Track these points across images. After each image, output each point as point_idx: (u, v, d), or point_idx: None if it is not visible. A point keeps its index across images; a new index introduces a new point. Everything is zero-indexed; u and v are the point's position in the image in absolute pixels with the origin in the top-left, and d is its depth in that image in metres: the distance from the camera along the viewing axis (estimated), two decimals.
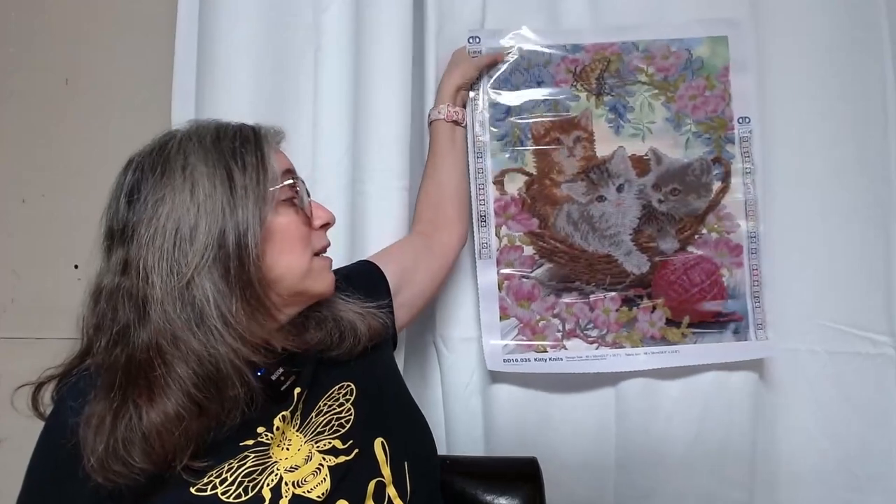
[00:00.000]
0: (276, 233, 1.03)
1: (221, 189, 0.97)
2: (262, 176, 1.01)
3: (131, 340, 0.94)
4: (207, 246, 0.95)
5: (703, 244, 1.55)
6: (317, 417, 1.08)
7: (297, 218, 1.06)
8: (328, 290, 1.11)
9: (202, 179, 0.97)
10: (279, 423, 1.03)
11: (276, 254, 1.03)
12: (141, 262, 0.94)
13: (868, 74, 1.54)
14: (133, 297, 0.95)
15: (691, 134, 1.56)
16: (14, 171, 1.65)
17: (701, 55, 1.57)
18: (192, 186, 0.96)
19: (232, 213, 0.97)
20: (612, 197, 1.55)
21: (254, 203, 0.99)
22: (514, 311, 1.54)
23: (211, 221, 0.96)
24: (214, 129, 1.03)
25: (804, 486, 1.58)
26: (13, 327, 1.63)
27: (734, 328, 1.54)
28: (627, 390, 1.54)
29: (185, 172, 0.97)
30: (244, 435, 1.01)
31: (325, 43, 1.51)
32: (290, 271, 1.05)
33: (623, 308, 1.55)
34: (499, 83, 1.55)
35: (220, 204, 0.96)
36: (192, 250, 0.94)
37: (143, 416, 0.92)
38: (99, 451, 0.91)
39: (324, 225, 1.11)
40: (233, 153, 1.00)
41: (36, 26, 1.68)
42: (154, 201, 0.95)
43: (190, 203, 0.95)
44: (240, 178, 0.99)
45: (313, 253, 1.09)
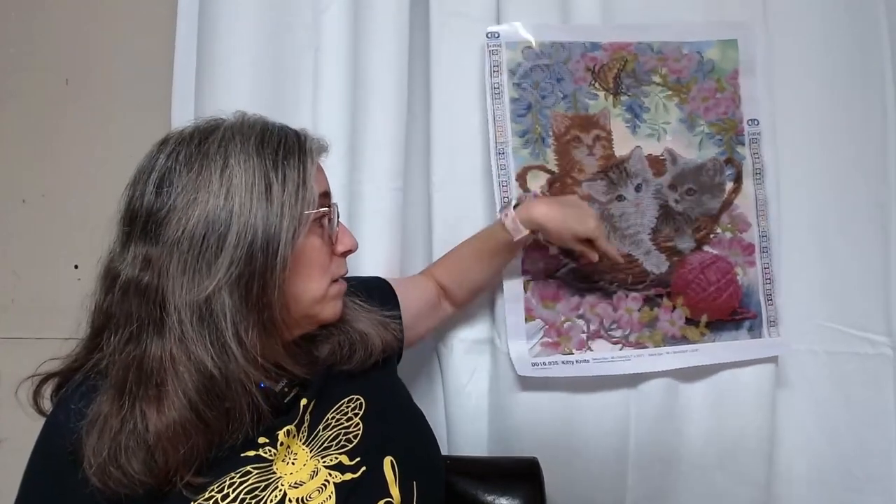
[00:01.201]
0: (300, 256, 0.95)
1: (258, 203, 0.89)
2: (301, 196, 0.92)
3: (144, 342, 0.89)
4: (234, 262, 0.88)
5: (718, 243, 1.49)
6: (324, 431, 1.01)
7: (322, 242, 0.99)
8: (335, 317, 1.04)
9: (240, 187, 0.89)
10: (283, 438, 0.95)
11: (295, 276, 0.95)
12: (163, 265, 0.88)
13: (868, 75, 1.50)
14: (151, 298, 0.88)
15: (704, 135, 1.49)
16: (14, 171, 1.59)
17: (712, 58, 1.50)
18: (227, 193, 0.89)
19: (264, 232, 0.89)
20: (631, 196, 1.47)
21: (288, 223, 0.91)
22: (539, 313, 1.45)
23: (242, 235, 0.88)
24: (260, 130, 0.95)
25: (803, 485, 1.54)
26: (13, 327, 1.57)
27: (749, 325, 1.49)
28: (647, 391, 1.46)
29: (224, 176, 0.89)
30: (246, 446, 0.93)
31: (325, 43, 1.45)
32: (306, 295, 0.98)
33: (645, 308, 1.47)
34: (520, 78, 1.47)
35: (254, 218, 0.89)
36: (218, 263, 0.88)
37: (149, 425, 0.86)
38: (101, 454, 0.85)
39: (345, 252, 1.04)
40: (275, 164, 0.92)
41: (36, 26, 1.61)
42: (186, 200, 0.88)
43: (223, 210, 0.88)
44: (278, 194, 0.91)
45: (333, 279, 1.02)
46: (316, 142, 1.00)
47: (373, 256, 1.44)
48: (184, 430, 0.87)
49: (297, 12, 1.46)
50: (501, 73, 1.46)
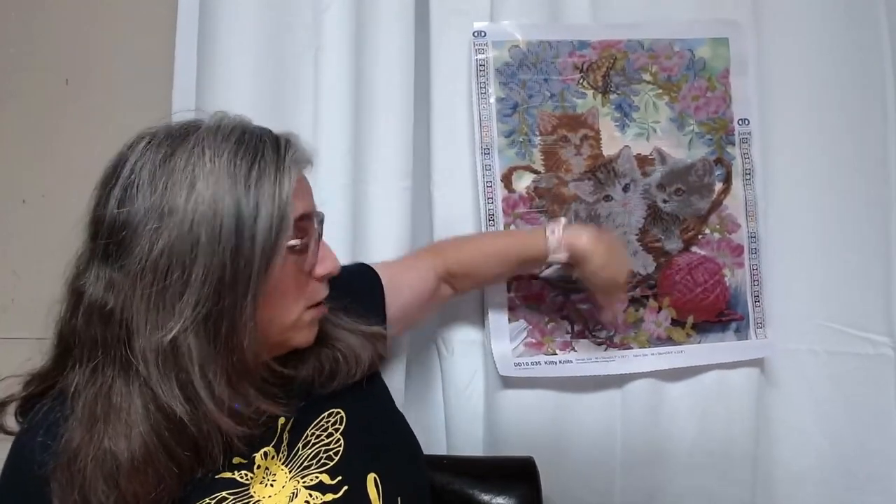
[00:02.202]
0: (272, 285, 0.88)
1: (227, 233, 0.82)
2: (275, 225, 0.85)
3: (109, 377, 0.85)
4: (200, 300, 0.82)
5: (706, 244, 1.49)
6: (304, 449, 0.97)
7: (298, 269, 0.92)
8: (308, 343, 0.98)
9: (207, 215, 0.82)
10: (260, 461, 0.93)
11: (265, 306, 0.88)
12: (126, 296, 0.83)
13: (868, 75, 1.50)
14: (115, 331, 0.84)
15: (694, 134, 1.50)
16: (14, 172, 1.60)
17: (703, 56, 1.50)
18: (193, 222, 0.82)
19: (233, 266, 0.83)
20: (619, 197, 1.48)
21: (260, 256, 0.84)
22: (522, 313, 1.46)
23: (209, 272, 0.82)
24: (234, 143, 0.86)
25: (803, 485, 1.53)
26: (13, 327, 1.57)
27: (735, 327, 1.50)
28: (633, 391, 1.47)
29: (189, 202, 0.82)
30: (219, 469, 0.90)
31: (325, 43, 1.45)
32: (277, 321, 0.92)
33: (630, 308, 1.47)
34: (507, 77, 1.48)
35: (222, 252, 0.82)
36: (183, 301, 0.82)
37: (119, 466, 0.82)
38: (71, 494, 0.82)
39: (325, 275, 0.96)
40: (247, 187, 0.84)
41: (36, 26, 1.62)
42: (148, 225, 0.82)
43: (188, 241, 0.82)
44: (249, 223, 0.84)
45: (309, 305, 0.95)
46: (298, 154, 0.91)
47: (380, 258, 1.41)
48: (155, 471, 0.83)
49: (297, 12, 1.48)
50: (488, 72, 1.47)
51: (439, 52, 1.51)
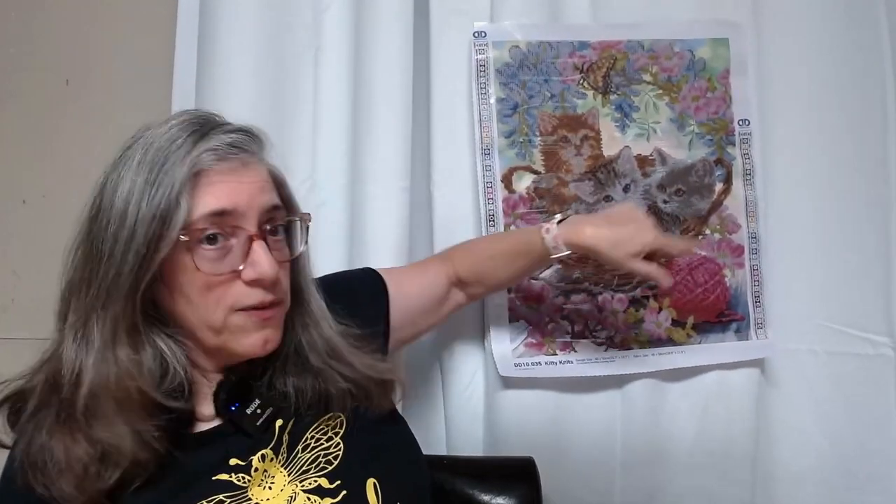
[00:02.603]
0: (177, 283, 0.91)
1: (113, 221, 0.89)
2: (160, 218, 0.86)
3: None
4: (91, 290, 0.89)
5: (706, 245, 1.49)
6: (303, 452, 0.97)
7: (202, 273, 0.90)
8: (252, 351, 0.94)
9: (105, 207, 0.91)
10: (258, 464, 0.93)
11: (183, 304, 0.92)
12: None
13: (868, 75, 1.50)
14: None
15: (694, 135, 1.50)
16: (14, 172, 1.60)
17: (703, 56, 1.51)
18: (96, 216, 0.92)
19: (113, 253, 0.87)
20: (619, 197, 1.47)
21: (142, 246, 0.87)
22: (522, 313, 1.46)
23: (96, 259, 0.89)
24: (162, 135, 0.91)
25: (803, 486, 1.53)
26: (13, 327, 1.58)
27: (736, 328, 1.49)
28: (633, 391, 1.47)
29: (107, 186, 0.92)
30: (215, 468, 0.92)
31: (325, 43, 1.46)
32: (197, 325, 0.92)
33: (630, 309, 1.47)
34: (507, 77, 1.48)
35: (105, 240, 0.89)
36: (93, 273, 0.89)
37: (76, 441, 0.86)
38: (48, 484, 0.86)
39: (253, 280, 0.91)
40: (146, 182, 0.88)
41: (36, 26, 1.63)
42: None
43: (92, 228, 0.92)
44: (132, 215, 0.87)
45: (235, 308, 0.92)
46: (218, 151, 0.91)
47: (379, 258, 1.44)
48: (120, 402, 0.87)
49: (297, 12, 1.48)
50: (488, 72, 1.47)
51: (439, 52, 1.51)
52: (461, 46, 1.51)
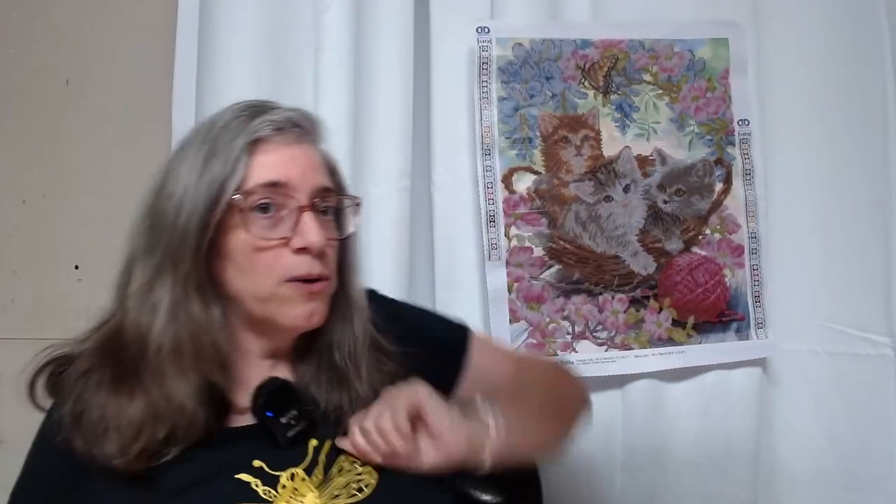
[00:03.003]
0: (228, 248, 0.94)
1: (173, 171, 0.94)
2: (221, 171, 0.91)
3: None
4: (141, 232, 0.96)
5: (706, 245, 1.50)
6: (337, 476, 0.95)
7: (252, 237, 0.93)
8: (298, 323, 0.96)
9: (176, 171, 0.94)
10: (286, 482, 0.92)
11: (233, 272, 0.94)
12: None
13: (868, 75, 1.51)
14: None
15: (694, 135, 1.50)
16: (14, 172, 1.60)
17: (703, 56, 1.51)
18: (160, 188, 0.96)
19: (168, 201, 0.93)
20: (619, 197, 1.48)
21: (194, 194, 0.91)
22: (523, 314, 1.46)
23: (152, 199, 0.96)
24: (227, 111, 0.97)
25: (804, 486, 1.53)
26: (13, 327, 1.57)
27: (736, 327, 1.50)
28: (633, 391, 1.48)
29: (172, 161, 0.96)
30: (238, 466, 0.92)
31: (326, 43, 1.46)
32: (246, 293, 0.95)
33: (631, 309, 1.48)
34: (509, 76, 1.48)
35: (164, 184, 0.94)
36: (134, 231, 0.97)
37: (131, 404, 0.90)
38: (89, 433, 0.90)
39: (301, 248, 0.94)
40: (213, 147, 0.93)
41: (36, 26, 1.62)
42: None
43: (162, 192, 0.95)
44: (193, 165, 0.92)
45: (283, 279, 0.94)
46: (276, 122, 0.95)
47: (380, 259, 1.44)
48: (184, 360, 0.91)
49: (297, 12, 1.49)
50: (490, 70, 1.47)
51: (439, 52, 1.51)
52: (461, 46, 1.51)
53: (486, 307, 1.47)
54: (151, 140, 1.57)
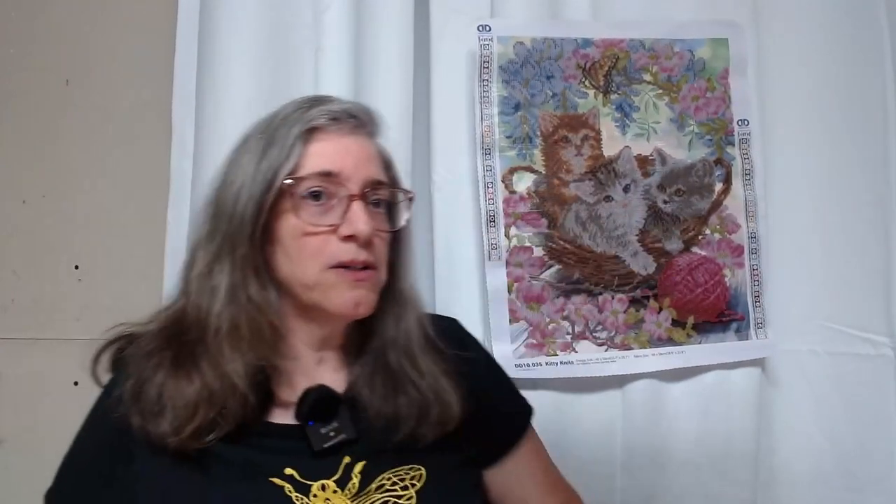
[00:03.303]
0: (279, 233, 0.98)
1: (233, 160, 1.01)
2: (277, 159, 0.96)
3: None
4: (206, 216, 1.02)
5: (706, 245, 1.49)
6: (375, 493, 0.96)
7: (304, 223, 0.97)
8: (343, 310, 0.99)
9: (238, 158, 1.01)
10: (318, 492, 0.94)
11: (282, 257, 0.98)
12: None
13: (868, 75, 1.51)
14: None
15: (694, 135, 1.50)
16: (14, 172, 1.60)
17: (703, 56, 1.51)
18: (223, 178, 1.02)
19: (228, 187, 0.99)
20: (619, 197, 1.48)
21: (251, 182, 0.96)
22: (523, 314, 1.45)
23: (215, 190, 1.02)
24: (290, 104, 1.04)
25: (803, 486, 1.53)
26: (13, 327, 1.57)
27: (736, 327, 1.49)
28: (633, 392, 1.47)
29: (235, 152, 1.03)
30: (273, 468, 0.94)
31: (325, 43, 1.46)
32: (294, 279, 0.98)
33: (631, 309, 1.47)
34: (509, 75, 1.48)
35: (226, 173, 1.01)
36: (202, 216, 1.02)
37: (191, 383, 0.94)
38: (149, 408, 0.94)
39: (348, 236, 0.97)
40: (272, 136, 0.99)
41: (36, 26, 1.62)
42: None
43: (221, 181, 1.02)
44: (251, 155, 0.98)
45: (329, 265, 0.97)
46: (332, 112, 1.00)
47: None
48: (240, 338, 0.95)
49: (297, 12, 1.49)
50: (491, 69, 1.47)
51: (439, 52, 1.51)
52: (461, 46, 1.50)
53: (485, 307, 1.46)
54: (151, 140, 1.58)
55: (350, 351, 1.06)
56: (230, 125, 1.41)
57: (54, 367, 1.56)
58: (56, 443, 1.56)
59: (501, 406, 1.15)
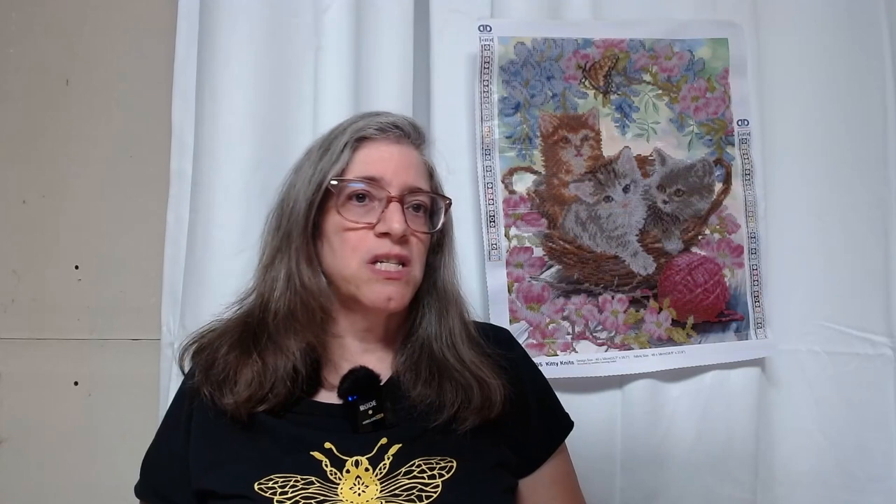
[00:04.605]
0: (326, 229, 1.09)
1: (299, 164, 1.14)
2: (323, 168, 1.08)
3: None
4: (272, 211, 1.14)
5: (706, 245, 1.50)
6: (404, 477, 1.01)
7: (345, 220, 1.07)
8: (378, 304, 1.06)
9: (301, 162, 1.14)
10: (351, 468, 1.01)
11: (328, 250, 1.09)
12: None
13: (868, 75, 1.51)
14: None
15: (694, 135, 1.50)
16: (14, 172, 1.60)
17: (702, 56, 1.51)
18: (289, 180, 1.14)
19: (290, 188, 1.11)
20: (619, 197, 1.48)
21: (308, 184, 1.08)
22: (523, 314, 1.45)
23: (283, 189, 1.13)
24: (354, 116, 1.17)
25: (803, 486, 1.53)
26: (13, 327, 1.57)
27: (735, 327, 1.50)
28: (633, 391, 1.47)
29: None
30: (314, 443, 1.02)
31: (326, 43, 1.47)
32: (336, 272, 1.08)
33: (631, 309, 1.48)
34: (510, 76, 1.48)
35: (296, 182, 1.11)
36: (280, 217, 1.11)
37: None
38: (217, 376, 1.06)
39: (384, 233, 1.05)
40: (326, 141, 1.12)
41: (36, 26, 1.62)
42: None
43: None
44: (311, 160, 1.11)
45: (366, 260, 1.06)
46: (380, 125, 1.11)
47: None
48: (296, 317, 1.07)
49: (297, 12, 1.49)
50: (492, 69, 1.47)
51: (439, 52, 1.51)
52: (462, 46, 1.50)
53: (486, 307, 1.46)
54: (151, 140, 1.57)
55: (395, 343, 1.14)
56: (230, 125, 1.41)
57: (54, 367, 1.56)
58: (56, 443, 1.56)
59: (541, 414, 1.18)
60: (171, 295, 1.49)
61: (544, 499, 1.16)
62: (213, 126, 1.44)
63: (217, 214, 1.42)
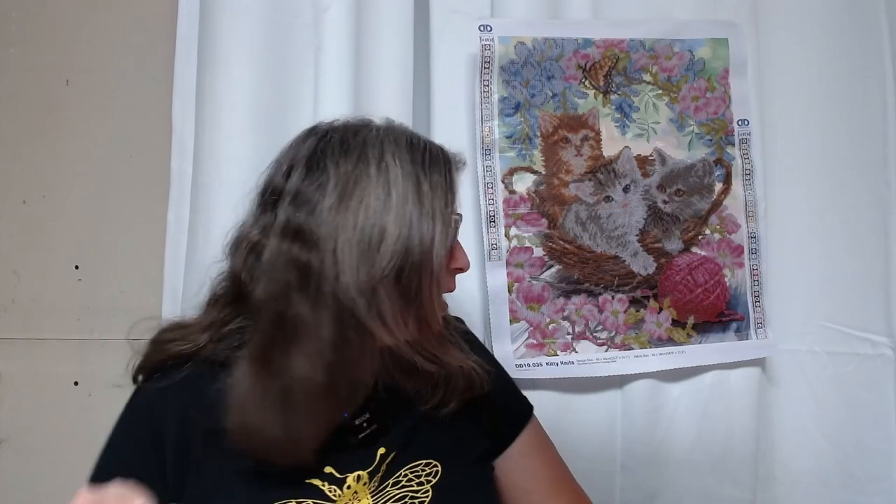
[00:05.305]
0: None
1: (413, 200, 0.90)
2: (450, 200, 0.95)
3: (293, 305, 0.90)
4: (395, 255, 0.88)
5: (706, 245, 1.50)
6: (392, 488, 0.99)
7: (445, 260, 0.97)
8: (438, 327, 1.00)
9: (397, 182, 0.90)
10: (353, 483, 0.97)
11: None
12: (325, 245, 0.88)
13: (868, 75, 1.51)
14: (304, 269, 0.89)
15: (694, 135, 1.50)
16: (14, 172, 1.60)
17: (702, 56, 1.51)
18: (386, 185, 0.90)
19: (418, 229, 0.89)
20: (619, 197, 1.48)
21: (442, 226, 0.92)
22: (523, 314, 1.45)
23: (402, 229, 0.89)
24: (409, 134, 0.97)
25: (803, 486, 1.54)
26: (13, 327, 1.57)
27: (736, 327, 1.49)
28: (633, 391, 1.47)
29: (381, 167, 0.90)
30: (310, 472, 0.96)
31: (326, 43, 1.46)
32: None
33: (631, 309, 1.48)
34: (510, 76, 1.48)
35: (410, 215, 0.89)
36: (381, 254, 0.88)
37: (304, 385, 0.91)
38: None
39: (458, 269, 1.01)
40: (423, 167, 0.93)
41: (36, 26, 1.62)
42: (344, 182, 0.90)
43: (384, 201, 0.89)
44: (428, 196, 0.91)
45: (440, 293, 0.99)
46: (457, 156, 1.02)
47: None
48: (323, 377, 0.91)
49: (297, 12, 1.49)
50: (492, 69, 1.46)
51: (439, 52, 1.51)
52: (462, 46, 1.50)
53: (486, 307, 1.46)
54: (151, 140, 1.57)
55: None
56: (230, 125, 1.41)
57: (54, 367, 1.56)
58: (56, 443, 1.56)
59: (504, 397, 1.17)
60: (172, 295, 1.49)
61: (524, 478, 1.15)
62: (213, 126, 1.43)
63: (217, 214, 1.41)
